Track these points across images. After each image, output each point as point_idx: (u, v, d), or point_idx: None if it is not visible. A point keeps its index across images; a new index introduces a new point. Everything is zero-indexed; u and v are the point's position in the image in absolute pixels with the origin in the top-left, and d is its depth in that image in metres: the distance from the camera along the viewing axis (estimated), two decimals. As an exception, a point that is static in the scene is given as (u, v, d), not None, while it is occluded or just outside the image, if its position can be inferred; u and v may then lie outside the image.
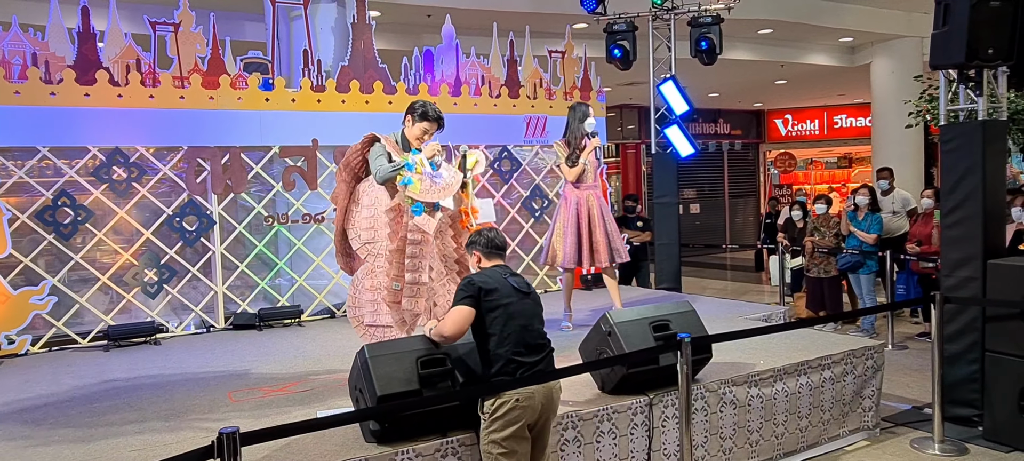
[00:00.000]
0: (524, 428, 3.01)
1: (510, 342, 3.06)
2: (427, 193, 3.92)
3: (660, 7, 8.26)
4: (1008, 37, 4.45)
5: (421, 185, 3.91)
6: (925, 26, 5.66)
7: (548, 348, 3.22)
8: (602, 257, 5.49)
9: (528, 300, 3.19)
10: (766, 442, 4.19)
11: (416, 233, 3.92)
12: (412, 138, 4.08)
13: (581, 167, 5.47)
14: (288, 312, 6.35)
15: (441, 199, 3.99)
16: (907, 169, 11.45)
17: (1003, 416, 4.40)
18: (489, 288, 3.10)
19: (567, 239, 5.46)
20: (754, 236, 17.70)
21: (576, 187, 5.51)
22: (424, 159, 3.99)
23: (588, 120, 5.46)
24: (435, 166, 4.02)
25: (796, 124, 19.48)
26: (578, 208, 5.46)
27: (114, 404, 4.11)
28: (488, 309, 3.08)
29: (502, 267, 3.30)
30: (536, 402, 3.03)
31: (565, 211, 5.52)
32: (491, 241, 3.37)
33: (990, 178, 4.58)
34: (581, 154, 5.46)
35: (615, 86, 13.03)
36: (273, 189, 6.43)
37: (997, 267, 4.49)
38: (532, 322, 3.17)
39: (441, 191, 3.96)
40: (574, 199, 5.48)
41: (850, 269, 7.61)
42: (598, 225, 5.47)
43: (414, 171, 3.92)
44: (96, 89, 5.65)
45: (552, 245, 5.60)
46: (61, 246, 5.64)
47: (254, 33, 8.28)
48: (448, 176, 4.03)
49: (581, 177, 5.50)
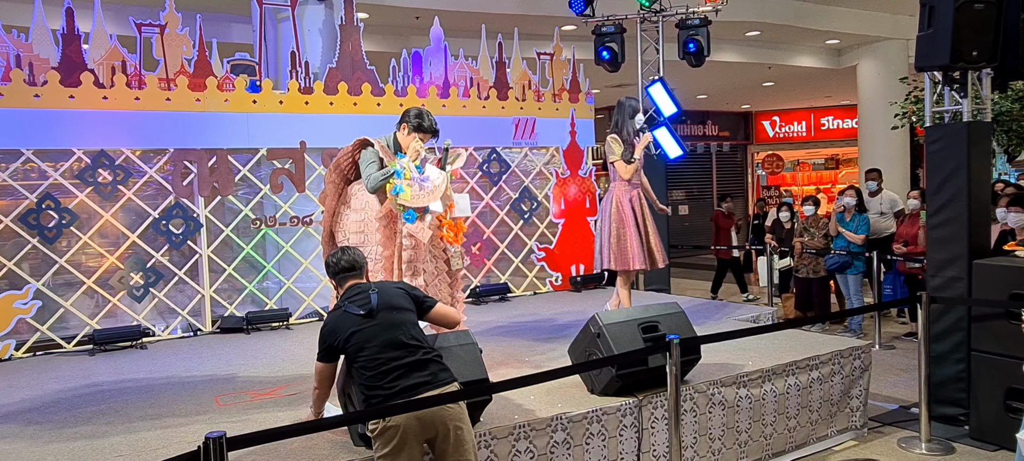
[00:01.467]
0: (414, 447, 2.82)
1: (375, 367, 2.88)
2: (417, 198, 3.96)
3: (648, 9, 8.28)
4: (992, 39, 4.49)
5: (411, 191, 3.95)
6: (911, 28, 5.71)
7: (426, 356, 2.98)
8: (658, 257, 5.21)
9: (376, 321, 2.96)
10: (755, 442, 4.20)
11: (410, 239, 3.98)
12: (404, 146, 4.10)
13: (637, 163, 5.21)
14: (276, 315, 6.31)
15: (431, 203, 4.01)
16: (893, 170, 11.53)
17: (989, 415, 4.43)
18: (341, 336, 2.96)
19: (632, 240, 5.09)
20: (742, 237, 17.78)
21: (629, 185, 5.21)
22: (410, 163, 4.00)
23: (638, 116, 5.29)
24: (421, 168, 4.05)
25: (783, 126, 19.59)
26: (633, 207, 5.17)
27: (99, 409, 4.07)
28: (346, 351, 2.97)
29: (356, 288, 3.12)
30: (422, 419, 2.82)
31: (625, 210, 5.15)
32: (338, 265, 3.18)
33: (975, 179, 4.62)
34: (635, 150, 5.20)
35: (603, 88, 13.06)
36: (261, 191, 6.39)
37: (982, 267, 4.52)
38: (394, 336, 2.94)
39: (430, 195, 4.01)
40: (628, 198, 5.18)
41: (838, 270, 7.66)
42: (651, 224, 5.24)
43: (403, 177, 3.95)
44: (81, 91, 5.60)
45: (617, 246, 5.10)
46: (45, 250, 5.59)
47: (241, 35, 8.24)
48: (435, 178, 4.06)
49: (632, 175, 5.22)
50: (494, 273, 7.56)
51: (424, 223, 4.02)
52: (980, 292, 4.51)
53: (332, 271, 3.21)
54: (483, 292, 7.28)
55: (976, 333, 4.54)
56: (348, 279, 3.18)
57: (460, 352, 3.33)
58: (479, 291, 7.28)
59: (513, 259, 7.62)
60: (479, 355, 3.39)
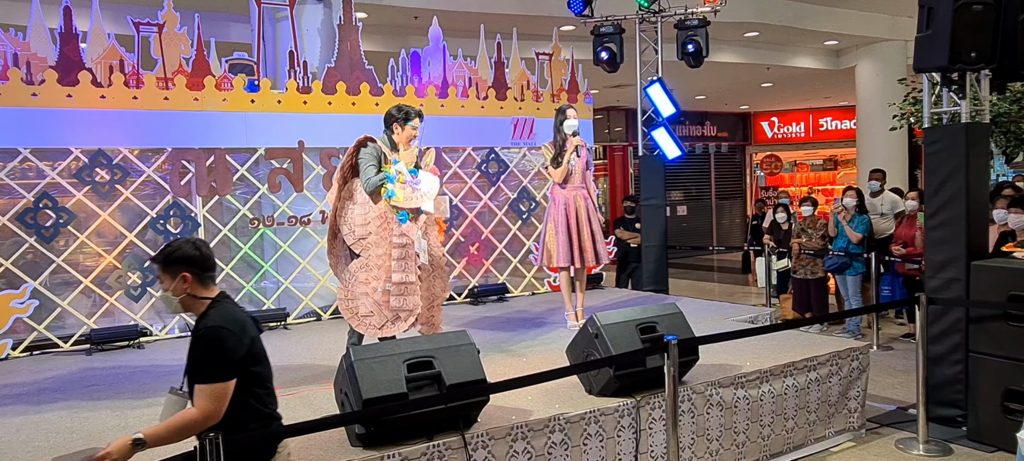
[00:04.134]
0: None
1: (266, 385, 2.70)
2: (409, 200, 4.21)
3: (647, 10, 8.29)
4: (990, 40, 4.49)
5: (403, 194, 4.20)
6: (909, 30, 5.71)
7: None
8: (589, 257, 5.59)
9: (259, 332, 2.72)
10: (753, 443, 4.20)
11: (402, 238, 4.21)
12: (402, 142, 4.36)
13: (565, 167, 5.57)
14: (274, 315, 6.30)
15: (423, 204, 4.25)
16: (892, 171, 11.51)
17: (987, 416, 4.44)
18: (249, 337, 2.63)
19: (559, 238, 5.54)
20: (741, 238, 17.80)
21: (562, 188, 5.61)
22: (403, 167, 4.24)
23: (568, 122, 5.53)
24: (415, 172, 4.30)
25: (782, 127, 19.61)
26: (566, 208, 5.57)
27: (96, 408, 4.06)
28: (252, 355, 2.62)
29: (224, 295, 2.74)
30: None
31: (555, 211, 5.62)
32: (208, 260, 2.69)
33: (973, 180, 4.63)
34: (564, 155, 5.54)
35: (602, 88, 13.07)
36: (259, 191, 6.38)
37: (980, 269, 4.52)
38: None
39: (422, 197, 4.24)
40: (562, 199, 5.60)
41: (836, 270, 7.66)
42: (585, 225, 5.59)
43: (396, 182, 4.19)
44: (78, 90, 5.59)
45: (546, 246, 5.67)
46: (43, 249, 5.57)
47: (239, 34, 8.23)
48: (426, 181, 4.30)
49: (567, 178, 5.61)
50: (492, 273, 7.56)
51: (416, 224, 4.26)
52: (978, 294, 4.51)
53: (203, 265, 2.68)
54: (481, 292, 7.28)
55: (974, 335, 4.54)
56: (212, 283, 2.74)
57: (458, 352, 3.33)
58: (477, 291, 7.27)
59: (511, 259, 7.61)
60: (477, 355, 3.39)
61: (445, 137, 7.13)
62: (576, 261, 5.58)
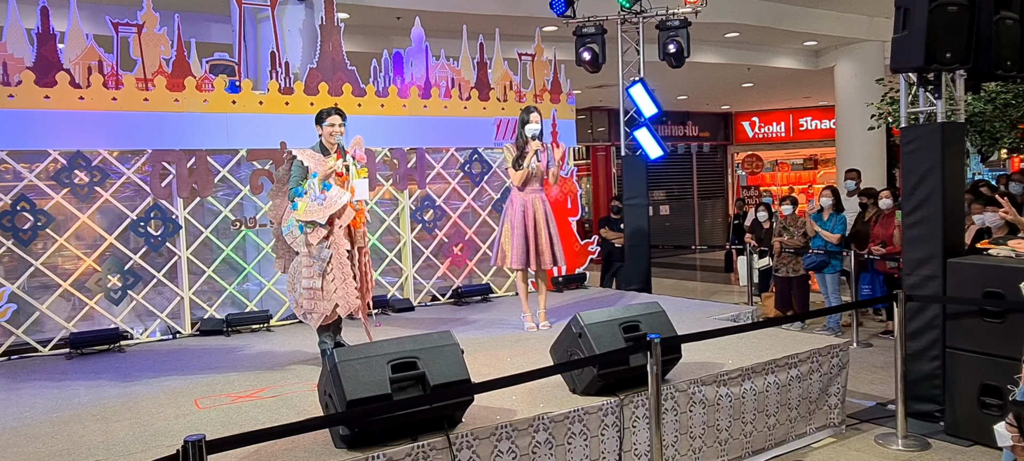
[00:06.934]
0: None
1: None
2: (307, 213, 4.51)
3: (628, 10, 8.33)
4: (965, 41, 4.57)
5: (305, 206, 4.51)
6: (886, 30, 5.79)
7: None
8: (546, 259, 5.62)
9: None
10: (735, 440, 4.24)
11: (304, 247, 4.56)
12: (327, 141, 4.67)
13: (526, 171, 5.57)
14: (256, 317, 6.27)
15: (319, 218, 4.48)
16: (871, 170, 11.69)
17: (964, 411, 4.51)
18: None
19: (515, 241, 5.56)
20: (723, 237, 17.92)
21: (521, 191, 5.63)
22: (316, 182, 4.51)
23: (530, 125, 5.56)
24: (327, 185, 4.54)
25: (763, 126, 19.78)
26: (524, 210, 5.59)
27: (77, 413, 4.02)
28: None
29: None
30: None
31: (512, 212, 5.63)
32: None
33: (949, 179, 4.70)
34: (524, 158, 5.56)
35: (585, 89, 13.11)
36: (240, 193, 6.34)
37: (957, 266, 4.60)
38: None
39: (319, 211, 4.49)
40: (520, 202, 5.61)
41: (816, 268, 7.74)
42: (543, 228, 5.61)
43: (304, 196, 4.51)
44: (56, 91, 5.52)
45: (501, 246, 5.69)
46: (20, 252, 5.50)
47: (220, 35, 8.17)
48: (332, 194, 4.53)
49: (527, 181, 5.62)
50: (476, 274, 7.56)
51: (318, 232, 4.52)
52: (955, 290, 4.58)
53: None
54: (465, 293, 7.28)
55: (951, 330, 4.61)
56: None
57: (442, 352, 3.33)
58: (461, 292, 7.28)
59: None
60: (461, 355, 3.39)
61: (428, 138, 7.12)
62: (532, 264, 5.60)
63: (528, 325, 5.70)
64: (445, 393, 3.22)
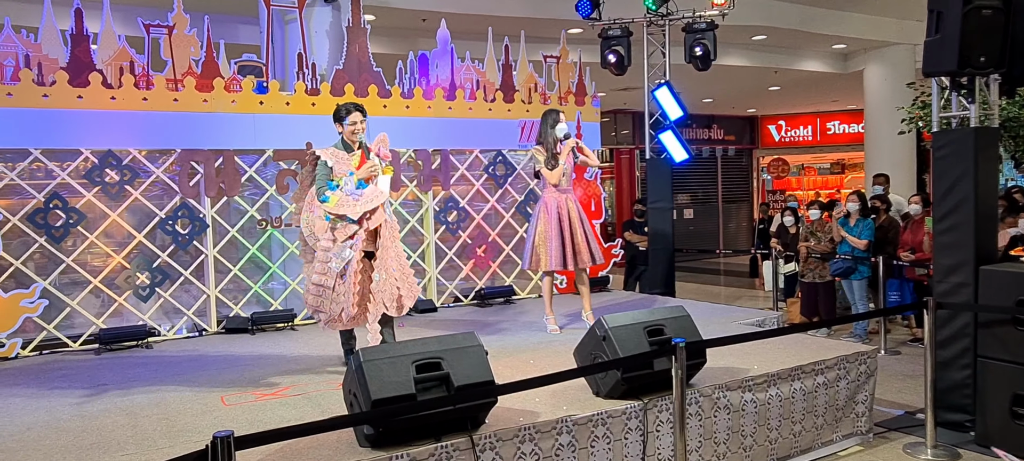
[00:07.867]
0: None
1: None
2: (339, 206, 4.38)
3: (655, 13, 8.29)
4: (999, 45, 4.48)
5: (337, 199, 4.39)
6: (918, 33, 5.71)
7: None
8: (584, 258, 5.59)
9: None
10: (760, 447, 4.20)
11: (326, 240, 4.46)
12: (349, 138, 4.59)
13: (561, 169, 5.56)
14: (281, 316, 6.33)
15: (351, 213, 4.36)
16: (899, 175, 11.52)
17: (995, 421, 4.42)
18: None
19: (552, 242, 5.54)
20: (747, 241, 17.76)
21: (555, 189, 5.61)
22: (351, 180, 4.44)
23: (559, 125, 5.57)
24: (363, 184, 4.45)
25: (789, 130, 19.57)
26: (559, 211, 5.57)
27: (106, 408, 4.08)
28: None
29: None
30: None
31: (545, 215, 5.60)
32: None
33: (982, 185, 4.62)
34: (559, 156, 5.56)
35: (610, 91, 13.06)
36: (267, 192, 6.41)
37: (989, 273, 4.51)
38: None
39: (352, 206, 4.37)
40: (554, 203, 5.59)
41: (842, 275, 7.64)
42: (578, 228, 5.60)
43: (337, 190, 4.41)
44: (89, 91, 5.62)
45: (534, 249, 5.64)
46: (52, 249, 5.61)
47: (248, 36, 8.26)
48: (368, 192, 4.44)
49: (558, 181, 5.61)
50: (499, 275, 7.57)
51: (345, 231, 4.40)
52: (987, 298, 4.50)
53: None
54: (488, 294, 7.29)
55: (983, 339, 4.53)
56: None
57: (466, 353, 3.34)
58: (484, 293, 7.29)
59: (518, 261, 7.61)
60: (485, 357, 3.40)
61: (452, 139, 7.14)
62: (569, 264, 5.57)
63: (551, 328, 5.69)
64: (469, 394, 3.23)
